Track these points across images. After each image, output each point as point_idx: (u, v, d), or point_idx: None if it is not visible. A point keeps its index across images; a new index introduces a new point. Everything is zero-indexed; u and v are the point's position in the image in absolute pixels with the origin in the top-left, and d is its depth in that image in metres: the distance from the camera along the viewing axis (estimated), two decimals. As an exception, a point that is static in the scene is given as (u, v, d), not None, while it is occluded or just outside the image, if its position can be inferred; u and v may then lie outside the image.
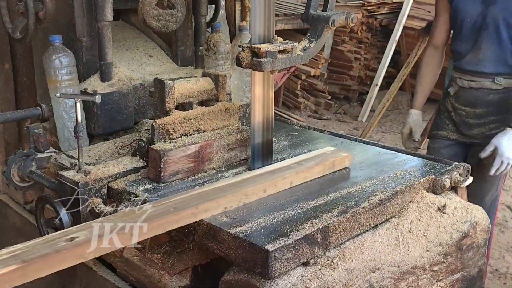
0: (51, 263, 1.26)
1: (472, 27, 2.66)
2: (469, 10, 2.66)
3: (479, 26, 2.64)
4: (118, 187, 1.74)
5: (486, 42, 2.64)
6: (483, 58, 2.65)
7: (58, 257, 1.26)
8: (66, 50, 1.95)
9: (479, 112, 2.69)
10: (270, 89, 1.90)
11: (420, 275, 1.69)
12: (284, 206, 1.62)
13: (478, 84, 2.68)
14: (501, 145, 2.46)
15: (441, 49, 2.90)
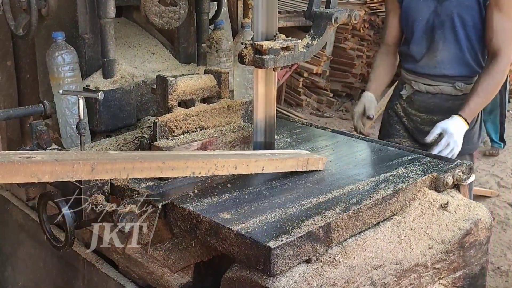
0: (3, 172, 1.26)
1: (425, 27, 2.51)
2: (422, 8, 2.51)
3: (433, 25, 2.49)
4: (120, 184, 1.74)
5: (442, 42, 2.50)
6: (441, 60, 2.51)
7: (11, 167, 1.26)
8: (68, 47, 1.95)
9: (437, 119, 2.49)
10: (273, 86, 1.90)
11: (422, 273, 1.70)
12: (286, 203, 1.62)
13: (436, 89, 2.53)
14: (449, 126, 2.32)
15: (393, 48, 2.74)
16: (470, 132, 2.56)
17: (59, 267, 2.17)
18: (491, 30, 2.39)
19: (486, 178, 5.06)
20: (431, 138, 2.34)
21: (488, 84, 2.38)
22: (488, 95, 2.41)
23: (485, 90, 2.38)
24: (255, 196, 1.70)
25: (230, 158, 1.70)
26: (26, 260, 2.33)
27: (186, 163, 1.57)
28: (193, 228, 1.58)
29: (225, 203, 1.63)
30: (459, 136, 2.30)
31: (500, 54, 2.38)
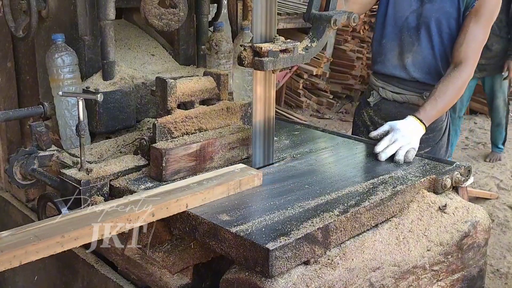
0: None
1: (402, 25, 2.42)
2: (403, 5, 2.42)
3: (410, 24, 2.41)
4: (119, 185, 1.75)
5: (416, 44, 2.42)
6: (412, 63, 2.43)
7: None
8: (68, 48, 1.96)
9: None
10: (272, 88, 1.91)
11: (421, 275, 1.70)
12: (285, 205, 1.62)
13: (403, 97, 2.45)
14: (397, 123, 2.09)
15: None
16: (437, 145, 2.51)
17: (58, 268, 2.17)
18: (463, 38, 2.30)
19: (485, 180, 5.06)
20: (375, 133, 2.11)
21: (447, 90, 2.23)
22: (445, 101, 2.24)
23: (442, 96, 2.22)
24: (254, 198, 1.70)
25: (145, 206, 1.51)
26: (25, 261, 2.33)
27: (90, 228, 1.40)
28: (192, 230, 1.58)
29: (224, 205, 1.64)
30: (410, 134, 2.06)
31: (466, 62, 2.27)
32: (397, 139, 2.04)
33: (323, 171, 1.93)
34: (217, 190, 1.68)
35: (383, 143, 2.04)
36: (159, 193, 1.61)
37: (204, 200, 1.64)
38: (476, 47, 2.30)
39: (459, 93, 2.29)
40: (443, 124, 2.54)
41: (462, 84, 2.27)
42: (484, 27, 2.30)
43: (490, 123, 5.79)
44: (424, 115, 2.17)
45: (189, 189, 1.65)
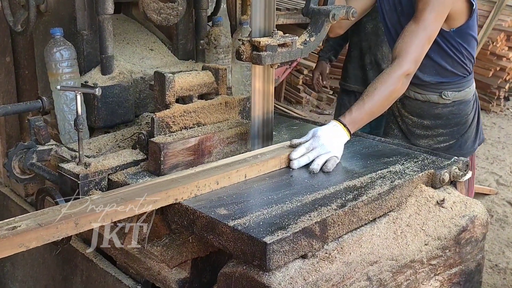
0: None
1: (395, 35, 2.39)
2: (389, 18, 2.43)
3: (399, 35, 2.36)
4: (118, 179, 1.75)
5: None
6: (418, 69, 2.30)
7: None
8: (67, 43, 1.96)
9: (427, 123, 2.47)
10: (270, 82, 1.91)
11: (418, 269, 1.70)
12: (283, 199, 1.63)
13: (424, 97, 2.45)
14: (318, 130, 1.94)
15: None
16: (462, 137, 2.52)
17: (57, 262, 2.18)
18: (400, 35, 2.21)
19: (485, 176, 5.06)
20: (297, 141, 1.95)
21: (374, 90, 2.05)
22: (374, 102, 2.05)
23: (370, 96, 2.04)
24: (252, 192, 1.71)
25: (211, 175, 1.70)
26: (25, 255, 2.34)
27: (167, 192, 1.59)
28: (190, 224, 1.58)
29: (222, 199, 1.64)
30: (329, 142, 1.90)
31: (400, 57, 2.12)
32: (315, 148, 1.90)
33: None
34: (271, 162, 1.85)
35: (299, 150, 1.90)
36: (221, 165, 1.80)
37: (259, 171, 1.82)
38: (412, 43, 2.14)
39: (391, 93, 2.10)
40: (469, 117, 2.52)
41: (395, 82, 2.08)
42: (423, 23, 2.16)
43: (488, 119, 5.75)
44: (349, 119, 1.99)
45: (246, 162, 1.82)
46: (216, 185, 1.71)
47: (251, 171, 1.80)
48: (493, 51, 6.71)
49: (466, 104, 2.49)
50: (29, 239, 1.34)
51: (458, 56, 2.38)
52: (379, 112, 2.10)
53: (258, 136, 1.96)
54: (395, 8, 2.40)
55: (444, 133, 2.48)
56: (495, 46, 6.69)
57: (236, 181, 1.75)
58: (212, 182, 1.70)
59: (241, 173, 1.77)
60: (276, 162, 1.87)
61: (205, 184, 1.68)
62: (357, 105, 2.03)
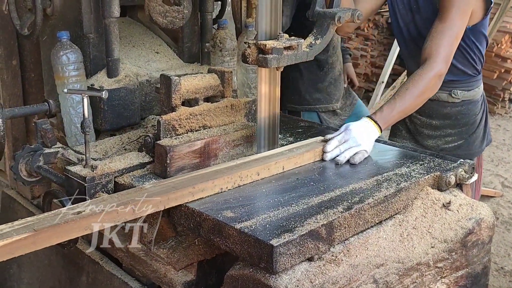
0: (60, 233, 1.40)
1: (408, 35, 2.45)
2: (403, 17, 2.45)
3: (413, 35, 2.44)
4: (124, 182, 1.75)
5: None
6: None
7: (66, 227, 1.40)
8: (73, 46, 1.96)
9: (435, 123, 2.48)
10: (276, 85, 1.91)
11: (425, 272, 1.70)
12: (289, 202, 1.63)
13: (433, 95, 2.39)
14: (351, 124, 2.04)
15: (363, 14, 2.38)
16: (470, 137, 2.52)
17: (63, 265, 2.19)
18: (428, 35, 2.24)
19: (490, 178, 5.05)
20: (331, 136, 2.05)
21: (406, 89, 2.13)
22: (406, 102, 2.13)
23: (401, 95, 2.12)
24: (258, 195, 1.71)
25: (252, 166, 1.81)
26: (31, 257, 2.35)
27: (213, 182, 1.70)
28: (196, 226, 1.59)
29: (228, 201, 1.64)
30: (362, 136, 1.99)
31: (431, 58, 2.17)
32: (347, 140, 1.98)
33: (327, 168, 1.94)
34: (306, 155, 1.95)
35: (332, 143, 1.99)
36: (259, 158, 1.89)
37: (296, 164, 1.92)
38: (442, 43, 2.18)
39: (423, 93, 2.17)
40: (477, 118, 2.54)
41: (426, 82, 2.15)
42: (450, 22, 2.19)
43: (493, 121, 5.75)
44: (379, 116, 2.07)
45: (283, 154, 1.92)
46: (256, 176, 1.80)
47: (288, 163, 1.89)
48: (498, 53, 6.70)
49: (475, 104, 2.50)
50: (93, 222, 1.45)
51: (470, 54, 2.39)
52: (410, 111, 2.21)
53: (264, 139, 1.96)
54: (410, 6, 2.41)
55: (452, 133, 2.49)
56: (500, 48, 6.69)
57: (275, 172, 1.85)
58: (254, 173, 1.79)
59: (280, 165, 1.87)
60: (311, 155, 1.97)
61: (247, 174, 1.78)
62: (389, 103, 2.12)
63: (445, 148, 2.49)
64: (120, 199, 1.55)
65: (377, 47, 7.41)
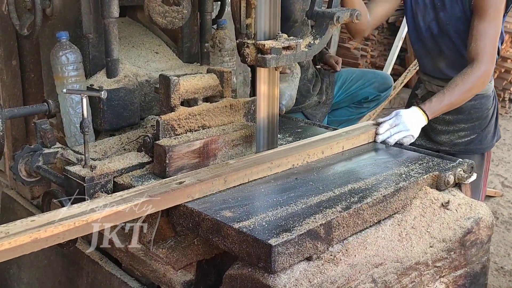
0: (168, 199, 1.60)
1: (428, 33, 2.52)
2: (423, 15, 2.51)
3: (434, 33, 2.50)
4: (123, 182, 1.76)
5: (444, 50, 2.51)
6: (445, 67, 2.53)
7: (173, 194, 1.61)
8: (72, 46, 1.97)
9: (449, 118, 2.55)
10: (275, 85, 1.91)
11: (423, 271, 1.70)
12: (288, 202, 1.63)
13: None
14: (402, 111, 2.24)
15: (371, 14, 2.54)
16: (483, 132, 2.58)
17: (63, 265, 2.19)
18: (471, 37, 2.33)
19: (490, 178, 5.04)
20: (382, 120, 2.24)
21: (456, 85, 2.28)
22: (454, 96, 2.29)
23: (451, 90, 2.28)
24: (257, 194, 1.71)
25: (317, 145, 2.01)
26: (31, 258, 2.35)
27: (287, 159, 1.89)
28: (195, 226, 1.59)
29: (227, 201, 1.64)
30: (411, 122, 2.18)
31: (478, 60, 2.29)
32: (397, 124, 2.17)
33: (326, 168, 1.94)
34: (362, 137, 2.15)
35: (384, 126, 2.17)
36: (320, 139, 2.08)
37: (353, 144, 2.11)
38: (486, 43, 2.31)
39: (471, 89, 2.32)
40: (489, 112, 2.60)
41: (474, 81, 2.29)
42: (489, 21, 2.31)
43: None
44: (428, 107, 2.25)
45: (342, 136, 2.11)
46: (321, 154, 2.00)
47: (347, 143, 2.09)
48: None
49: (487, 99, 2.57)
50: (193, 191, 1.65)
51: None
52: (456, 105, 2.36)
53: (263, 139, 1.96)
54: (434, 4, 2.47)
55: (465, 128, 2.57)
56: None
57: (336, 151, 2.05)
58: (319, 151, 1.99)
59: (340, 145, 2.06)
60: (365, 137, 2.16)
61: (314, 153, 1.97)
62: (438, 96, 2.29)
63: (458, 143, 2.56)
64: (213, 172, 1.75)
65: (377, 47, 7.40)
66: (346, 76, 3.15)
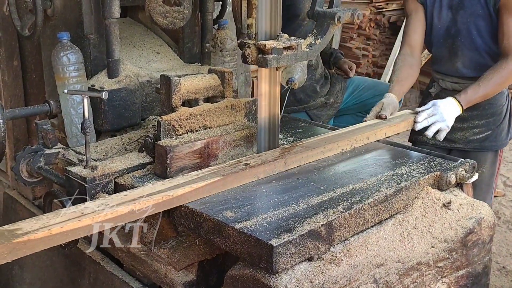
0: (239, 179, 1.76)
1: (445, 34, 2.58)
2: (441, 16, 2.56)
3: (451, 33, 2.55)
4: (125, 182, 1.76)
5: (461, 49, 2.55)
6: (462, 66, 2.56)
7: (242, 174, 1.77)
8: (74, 47, 1.97)
9: (463, 115, 2.52)
10: (276, 85, 1.91)
11: (425, 271, 1.70)
12: (289, 202, 1.63)
13: (462, 86, 2.55)
14: (438, 101, 2.38)
15: (416, 49, 2.67)
16: (497, 128, 2.62)
17: (65, 265, 2.19)
18: (502, 34, 2.42)
19: (492, 178, 5.04)
20: (420, 109, 2.40)
21: (490, 78, 2.40)
22: (488, 88, 2.42)
23: (485, 82, 2.40)
24: (258, 195, 1.71)
25: (363, 132, 2.16)
26: (33, 258, 2.35)
27: (337, 143, 2.05)
28: (196, 227, 1.59)
29: (228, 201, 1.64)
30: (447, 112, 2.34)
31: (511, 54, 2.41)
32: (434, 114, 2.34)
33: (327, 168, 1.94)
34: (402, 124, 2.31)
35: (422, 115, 2.34)
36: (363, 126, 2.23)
37: (394, 131, 2.28)
38: None
39: (504, 82, 2.46)
40: (503, 108, 2.64)
41: (507, 74, 2.42)
42: None
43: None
44: (464, 98, 2.39)
45: (384, 123, 2.27)
46: (366, 140, 2.15)
47: (389, 130, 2.25)
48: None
49: (501, 95, 2.61)
50: (258, 172, 1.81)
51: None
52: (489, 96, 2.49)
53: (264, 139, 1.96)
54: (451, 4, 2.53)
55: (480, 125, 2.61)
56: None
57: (380, 137, 2.21)
58: (364, 137, 2.14)
59: (383, 131, 2.21)
60: (405, 124, 2.32)
61: (360, 138, 2.12)
62: (472, 88, 2.42)
63: (472, 140, 2.60)
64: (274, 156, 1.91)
65: (379, 46, 7.39)
66: (358, 83, 3.17)
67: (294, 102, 3.07)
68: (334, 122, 3.13)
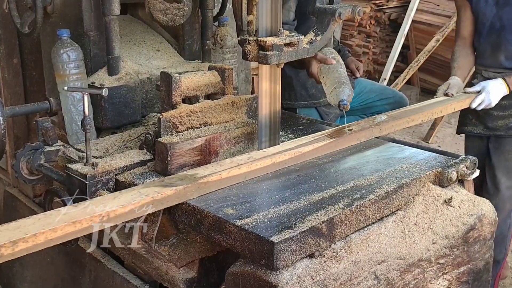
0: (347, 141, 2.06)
1: (489, 29, 2.70)
2: (485, 12, 2.69)
3: (496, 28, 2.67)
4: (125, 180, 1.75)
5: (504, 44, 2.68)
6: (505, 60, 2.69)
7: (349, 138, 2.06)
8: (74, 44, 1.96)
9: (504, 103, 2.70)
10: (277, 82, 1.91)
11: (426, 268, 1.70)
12: (290, 199, 1.63)
13: (504, 75, 2.70)
14: (488, 85, 2.61)
15: (469, 40, 2.87)
16: None
17: (66, 263, 2.19)
18: None
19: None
20: (469, 90, 2.63)
21: None
22: None
23: None
24: (259, 192, 1.71)
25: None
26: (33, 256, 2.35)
27: (418, 115, 2.33)
28: (197, 224, 1.59)
29: (229, 198, 1.64)
30: (495, 95, 2.59)
31: None
32: (484, 100, 2.59)
33: (328, 165, 1.93)
34: (453, 105, 2.54)
35: (477, 100, 2.59)
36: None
37: (461, 106, 2.61)
38: None
39: None
40: None
41: None
42: None
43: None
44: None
45: (431, 106, 2.46)
46: (439, 113, 2.50)
47: (457, 105, 2.55)
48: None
49: None
50: (360, 136, 2.10)
51: None
52: None
53: (264, 136, 1.96)
54: (496, 1, 2.68)
55: None
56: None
57: (450, 111, 2.59)
58: (438, 111, 2.46)
59: (429, 113, 2.40)
60: (458, 105, 2.58)
61: (435, 111, 2.43)
62: None
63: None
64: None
65: (379, 44, 7.39)
66: (365, 84, 3.17)
67: (306, 97, 3.06)
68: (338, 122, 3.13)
